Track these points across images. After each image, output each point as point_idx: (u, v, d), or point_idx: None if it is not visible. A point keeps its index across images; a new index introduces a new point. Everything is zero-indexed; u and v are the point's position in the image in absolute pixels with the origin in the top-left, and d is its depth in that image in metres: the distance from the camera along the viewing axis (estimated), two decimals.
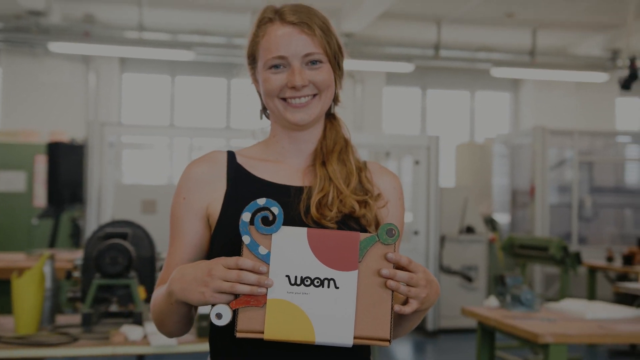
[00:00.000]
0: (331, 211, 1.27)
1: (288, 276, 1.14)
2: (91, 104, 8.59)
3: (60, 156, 6.42)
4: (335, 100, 1.40)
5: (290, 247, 1.15)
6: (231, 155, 1.36)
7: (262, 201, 1.17)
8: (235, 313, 1.13)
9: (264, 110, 1.42)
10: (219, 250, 1.26)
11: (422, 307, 1.19)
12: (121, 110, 8.95)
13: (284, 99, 1.30)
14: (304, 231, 1.16)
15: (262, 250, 1.15)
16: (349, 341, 1.12)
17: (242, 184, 1.32)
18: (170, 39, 8.13)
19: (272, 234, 1.15)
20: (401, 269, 1.16)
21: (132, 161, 8.46)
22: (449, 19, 8.13)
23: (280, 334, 1.12)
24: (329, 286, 1.13)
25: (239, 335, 1.13)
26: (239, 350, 1.24)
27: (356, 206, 1.29)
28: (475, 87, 10.06)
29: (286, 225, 1.17)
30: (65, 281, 4.08)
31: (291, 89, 1.29)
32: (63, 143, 6.63)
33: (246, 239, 1.15)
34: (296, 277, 1.14)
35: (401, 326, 1.31)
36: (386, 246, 1.16)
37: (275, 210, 1.16)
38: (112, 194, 5.87)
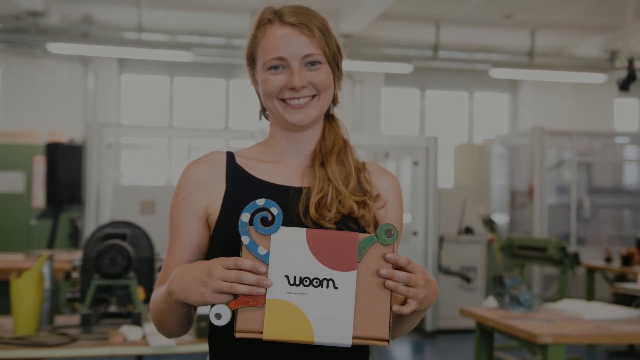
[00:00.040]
0: (330, 212, 1.27)
1: (287, 276, 1.14)
2: (90, 105, 8.59)
3: (59, 157, 6.41)
4: (334, 101, 1.40)
5: (289, 247, 1.15)
6: (230, 156, 1.36)
7: (261, 202, 1.17)
8: (235, 313, 1.13)
9: (263, 111, 1.42)
10: (218, 250, 1.27)
11: (421, 308, 1.19)
12: (120, 111, 8.95)
13: (283, 100, 1.31)
14: (303, 232, 1.16)
15: (261, 251, 1.15)
16: (347, 341, 1.13)
17: (241, 185, 1.32)
18: (169, 39, 8.12)
19: (271, 235, 1.15)
20: (400, 269, 1.16)
21: (130, 162, 8.44)
22: (448, 20, 8.13)
23: (279, 334, 1.12)
24: (327, 286, 1.14)
25: (238, 335, 1.13)
26: (238, 350, 1.24)
27: (355, 207, 1.30)
28: (473, 88, 10.06)
29: (285, 225, 1.17)
30: (64, 282, 4.07)
31: (290, 90, 1.29)
32: (62, 144, 6.62)
33: (245, 240, 1.15)
34: (295, 277, 1.14)
35: (400, 326, 1.31)
36: (385, 246, 1.16)
37: (275, 210, 1.16)
38: (111, 194, 5.86)
